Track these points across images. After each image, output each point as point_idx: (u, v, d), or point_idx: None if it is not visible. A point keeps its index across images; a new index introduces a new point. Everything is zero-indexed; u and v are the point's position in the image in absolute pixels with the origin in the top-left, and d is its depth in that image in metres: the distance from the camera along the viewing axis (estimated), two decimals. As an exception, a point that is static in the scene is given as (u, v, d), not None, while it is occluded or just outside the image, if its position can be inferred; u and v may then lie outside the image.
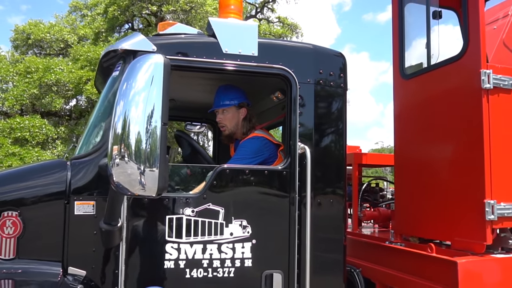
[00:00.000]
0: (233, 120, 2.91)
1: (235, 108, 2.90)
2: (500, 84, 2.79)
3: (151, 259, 2.29)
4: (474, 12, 2.88)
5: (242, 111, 2.92)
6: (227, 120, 2.91)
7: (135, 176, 1.71)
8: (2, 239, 2.16)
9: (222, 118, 2.92)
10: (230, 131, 2.92)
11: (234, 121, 2.91)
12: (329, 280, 2.57)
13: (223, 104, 2.87)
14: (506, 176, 2.77)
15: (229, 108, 2.88)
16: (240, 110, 2.92)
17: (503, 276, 2.72)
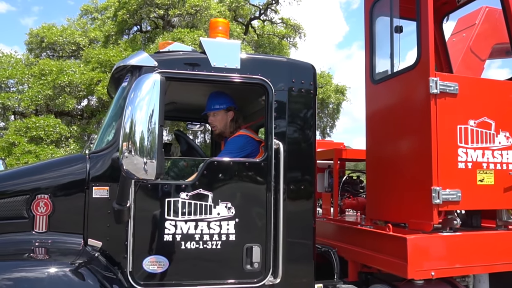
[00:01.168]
0: (222, 121, 3.46)
1: (224, 112, 3.45)
2: (446, 90, 3.28)
3: (153, 233, 2.83)
4: (425, 29, 3.37)
5: (229, 114, 3.46)
6: (217, 122, 3.45)
7: (140, 165, 2.26)
8: (36, 216, 2.72)
9: (213, 120, 3.46)
10: (220, 130, 3.47)
11: (223, 122, 3.46)
12: (299, 252, 3.08)
13: (213, 108, 3.42)
14: (450, 167, 3.27)
15: (219, 111, 3.43)
16: (228, 113, 3.46)
17: (446, 250, 3.22)
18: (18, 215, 2.71)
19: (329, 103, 22.04)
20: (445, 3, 4.37)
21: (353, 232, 3.97)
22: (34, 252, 2.68)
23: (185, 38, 14.40)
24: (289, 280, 2.99)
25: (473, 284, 3.80)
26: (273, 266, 2.96)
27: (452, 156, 3.29)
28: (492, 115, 3.44)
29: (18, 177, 2.85)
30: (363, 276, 3.87)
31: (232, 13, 19.77)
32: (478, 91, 3.45)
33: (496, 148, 3.45)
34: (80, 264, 2.55)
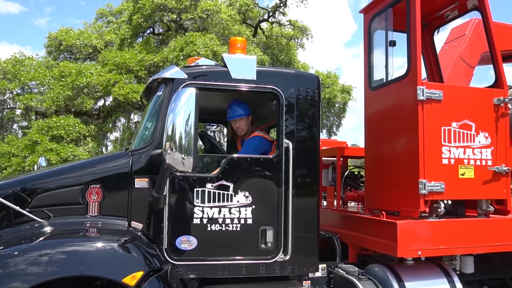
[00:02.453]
0: (246, 125, 4.03)
1: (246, 118, 4.01)
2: (431, 96, 3.79)
3: (184, 217, 3.37)
4: (414, 44, 3.87)
5: (250, 119, 4.02)
6: (243, 126, 4.03)
7: (179, 160, 2.81)
8: (90, 203, 3.29)
9: (240, 125, 4.03)
10: (244, 132, 4.04)
11: (246, 126, 4.03)
12: (305, 234, 3.61)
13: (239, 114, 3.98)
14: (435, 162, 3.77)
15: (243, 117, 3.99)
16: (249, 118, 4.02)
17: (431, 233, 3.73)
18: (75, 202, 3.28)
19: (336, 103, 22.49)
20: (435, 18, 4.86)
21: (353, 219, 4.50)
22: (88, 231, 3.23)
23: (197, 41, 14.96)
24: (296, 257, 3.53)
25: (460, 266, 4.31)
26: (283, 245, 3.50)
27: (437, 153, 3.80)
28: (472, 118, 3.94)
29: (74, 171, 3.42)
30: (361, 258, 4.39)
31: (242, 15, 20.29)
32: (460, 97, 3.95)
33: (476, 146, 3.95)
34: (126, 241, 3.10)
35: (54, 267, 2.76)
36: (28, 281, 2.65)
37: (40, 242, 2.90)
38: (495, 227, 3.97)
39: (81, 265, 2.84)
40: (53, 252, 2.83)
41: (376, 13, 4.50)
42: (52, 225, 3.12)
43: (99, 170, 3.37)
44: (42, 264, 2.75)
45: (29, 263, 2.73)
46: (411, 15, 3.88)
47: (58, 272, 2.75)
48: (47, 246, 2.88)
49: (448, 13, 4.68)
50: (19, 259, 2.73)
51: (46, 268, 2.74)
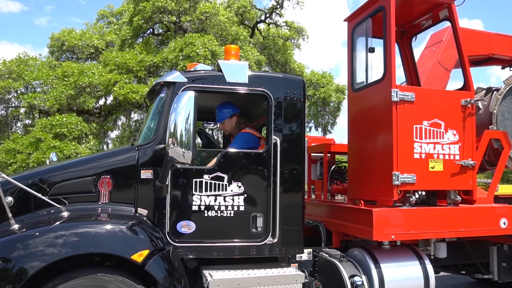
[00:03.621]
0: (229, 126, 4.49)
1: (228, 119, 4.45)
2: (404, 98, 4.21)
3: (184, 204, 3.78)
4: (389, 52, 4.30)
5: (233, 119, 4.46)
6: (226, 127, 4.52)
7: (180, 153, 3.23)
8: (101, 191, 3.71)
9: (223, 126, 4.54)
10: (229, 132, 4.49)
11: (229, 126, 4.49)
12: (292, 220, 4.02)
13: (220, 119, 4.46)
14: (407, 156, 4.20)
15: (224, 120, 4.44)
16: (232, 119, 4.46)
17: (403, 220, 4.15)
18: (88, 190, 3.69)
19: (330, 102, 22.93)
20: (413, 26, 5.28)
21: (336, 209, 4.94)
22: (100, 215, 3.64)
23: (196, 42, 15.36)
24: (283, 240, 3.95)
25: (434, 251, 4.74)
26: (272, 230, 3.92)
27: (409, 149, 4.23)
28: (442, 117, 4.37)
29: (88, 163, 3.84)
30: (344, 243, 4.82)
31: (239, 17, 20.70)
32: (431, 99, 4.38)
33: (445, 142, 4.38)
34: (133, 224, 3.51)
35: (72, 245, 3.18)
36: (51, 256, 3.07)
37: (60, 225, 3.32)
38: (462, 215, 4.41)
39: (96, 244, 3.26)
40: (71, 233, 3.25)
41: (358, 22, 4.92)
42: (69, 210, 3.54)
43: (110, 163, 3.78)
44: (61, 243, 3.16)
45: (49, 243, 3.15)
46: (387, 26, 4.31)
47: (76, 249, 3.17)
48: (66, 228, 3.30)
49: (424, 22, 5.10)
50: (40, 239, 3.15)
51: (65, 246, 3.15)
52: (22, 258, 3.05)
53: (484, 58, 5.72)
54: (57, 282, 3.16)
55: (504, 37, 5.69)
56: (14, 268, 3.04)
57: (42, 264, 3.04)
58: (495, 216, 4.54)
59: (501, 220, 4.54)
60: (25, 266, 3.03)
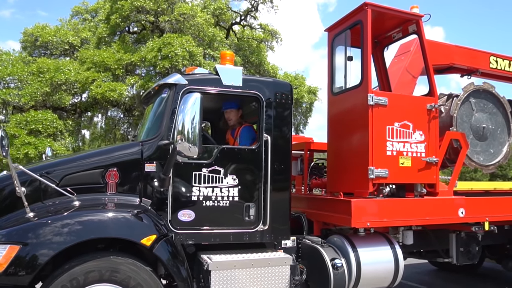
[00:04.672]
0: (235, 116, 4.86)
1: (236, 110, 4.83)
2: (379, 102, 4.73)
3: (185, 195, 4.14)
4: (365, 60, 4.81)
5: (239, 111, 4.85)
6: (232, 116, 4.85)
7: (187, 148, 3.60)
8: (108, 183, 4.00)
9: (230, 116, 4.86)
10: (234, 123, 4.86)
11: (235, 116, 4.86)
12: (280, 209, 4.46)
13: (230, 106, 4.81)
14: (381, 153, 4.72)
15: (233, 109, 4.81)
16: (238, 111, 4.85)
17: (377, 209, 4.67)
18: (97, 182, 3.97)
19: (303, 103, 23.58)
20: (385, 38, 5.84)
21: (317, 200, 5.42)
22: (107, 205, 3.93)
23: (174, 43, 15.53)
24: (273, 227, 4.38)
25: (402, 238, 5.30)
26: (263, 218, 4.34)
27: (382, 147, 4.75)
28: (411, 119, 4.93)
29: (96, 157, 4.12)
30: (324, 232, 5.30)
31: (215, 18, 20.97)
32: (401, 103, 4.93)
33: (413, 141, 4.94)
34: (140, 212, 3.84)
35: (86, 231, 3.48)
36: (73, 239, 3.37)
37: (76, 212, 3.61)
38: (427, 205, 4.98)
39: (108, 229, 3.58)
40: (84, 220, 3.55)
41: (337, 32, 5.41)
42: (79, 200, 3.82)
43: (116, 156, 4.08)
44: (80, 229, 3.46)
45: (69, 228, 3.44)
46: (364, 38, 4.82)
47: (89, 234, 3.48)
48: (79, 215, 3.59)
49: (395, 35, 5.67)
50: (60, 224, 3.43)
51: (83, 231, 3.46)
52: (46, 241, 3.33)
53: (446, 67, 6.37)
54: (73, 264, 3.45)
55: (463, 49, 6.37)
56: (37, 251, 3.31)
57: (62, 246, 3.34)
58: (454, 206, 5.16)
59: (459, 210, 5.15)
60: (48, 248, 3.31)
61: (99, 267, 3.48)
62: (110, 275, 3.49)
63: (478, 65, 6.37)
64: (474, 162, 5.80)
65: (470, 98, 5.79)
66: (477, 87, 5.89)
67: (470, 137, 5.72)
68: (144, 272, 3.61)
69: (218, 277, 3.89)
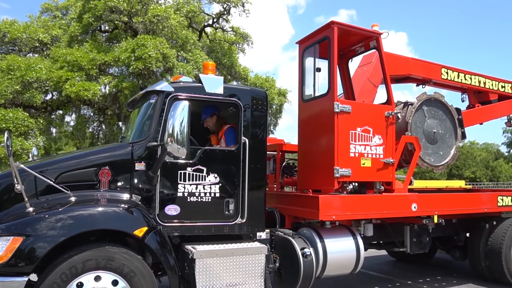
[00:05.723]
0: (211, 122, 5.31)
1: (210, 117, 5.28)
2: (343, 109, 5.32)
3: (171, 191, 4.54)
4: (332, 72, 5.39)
5: (214, 118, 5.29)
6: (209, 124, 5.31)
7: (176, 149, 4.02)
8: (101, 180, 4.36)
9: (207, 123, 5.34)
10: (211, 128, 5.32)
11: (211, 123, 5.31)
12: (256, 204, 4.94)
13: (204, 117, 5.26)
14: (345, 155, 5.32)
15: (207, 118, 5.26)
16: (213, 117, 5.29)
17: (341, 204, 5.25)
18: (90, 179, 4.32)
19: (273, 104, 24.21)
20: (350, 51, 6.47)
21: (289, 197, 5.96)
22: (102, 200, 4.27)
23: (148, 44, 15.72)
24: (250, 220, 4.86)
25: (363, 230, 5.92)
26: (241, 212, 4.81)
27: (346, 149, 5.35)
28: (371, 125, 5.55)
29: (89, 156, 4.45)
30: (294, 225, 5.85)
31: (188, 20, 21.21)
32: (363, 110, 5.54)
33: (373, 144, 5.57)
34: (130, 206, 4.21)
35: (87, 223, 3.85)
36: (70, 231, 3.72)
37: (72, 207, 3.95)
38: (385, 201, 5.63)
39: (103, 222, 3.95)
40: (84, 213, 3.91)
41: (307, 45, 5.97)
42: (75, 196, 4.16)
43: (108, 156, 4.44)
44: (77, 221, 3.82)
45: (68, 220, 3.78)
46: (331, 52, 5.40)
47: (90, 226, 3.85)
48: (78, 209, 3.93)
49: (358, 49, 6.30)
50: (60, 217, 3.77)
51: (80, 224, 3.82)
52: (49, 233, 3.66)
53: (403, 77, 7.08)
54: (72, 254, 3.81)
55: (418, 61, 7.11)
56: (39, 242, 3.65)
57: (64, 237, 3.69)
58: (408, 201, 5.83)
59: (412, 204, 5.84)
60: (50, 239, 3.65)
61: (96, 256, 3.85)
62: (106, 263, 3.86)
63: (431, 75, 7.12)
64: (426, 163, 6.51)
65: (423, 106, 6.50)
66: (429, 96, 6.62)
67: (422, 140, 6.43)
68: (136, 260, 4.01)
69: (202, 264, 4.34)
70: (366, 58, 7.37)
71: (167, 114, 4.36)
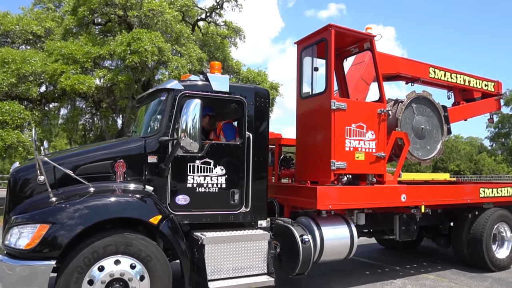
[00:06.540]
0: (204, 122, 5.51)
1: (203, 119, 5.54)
2: (340, 107, 5.69)
3: (181, 183, 4.87)
4: (329, 72, 5.75)
5: (206, 118, 5.61)
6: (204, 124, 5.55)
7: (189, 143, 4.35)
8: (117, 172, 4.66)
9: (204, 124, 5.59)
10: (206, 127, 5.62)
11: (205, 123, 5.54)
12: (259, 195, 5.29)
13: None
14: (340, 149, 5.70)
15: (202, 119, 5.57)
16: (205, 118, 5.59)
17: (337, 194, 5.65)
18: (107, 171, 4.62)
19: (265, 98, 24.50)
20: (344, 51, 6.83)
21: (287, 188, 6.33)
22: (117, 191, 4.58)
23: (143, 38, 15.82)
24: (253, 209, 5.23)
25: (356, 219, 6.33)
26: (245, 202, 5.17)
27: (342, 143, 5.72)
28: (364, 121, 5.94)
29: (106, 150, 4.74)
30: (293, 214, 6.23)
31: (181, 14, 21.30)
32: (357, 108, 5.92)
33: (366, 139, 5.96)
34: (143, 196, 4.53)
35: (107, 211, 4.16)
36: (95, 218, 4.03)
37: (92, 197, 4.25)
38: (376, 191, 6.04)
39: (124, 210, 4.27)
40: (104, 203, 4.22)
41: (305, 46, 6.31)
42: (94, 187, 4.46)
43: (123, 149, 4.74)
44: (98, 210, 4.13)
45: (91, 209, 4.10)
46: (328, 53, 5.75)
47: (110, 214, 4.16)
48: (98, 199, 4.24)
49: (353, 49, 6.66)
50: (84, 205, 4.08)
51: (101, 212, 4.13)
52: (73, 220, 3.98)
53: (394, 75, 7.48)
54: (93, 240, 4.12)
55: (408, 61, 7.51)
56: (65, 229, 3.95)
57: (88, 224, 4.00)
58: (398, 192, 6.26)
59: (401, 195, 6.26)
60: (75, 226, 3.96)
61: (116, 241, 4.17)
62: (125, 248, 4.19)
63: (420, 74, 7.54)
64: (414, 156, 6.94)
65: (412, 103, 6.91)
66: (417, 95, 7.03)
67: (411, 136, 6.85)
68: (152, 246, 4.35)
69: (210, 249, 4.69)
70: (359, 57, 7.72)
71: (178, 111, 4.67)
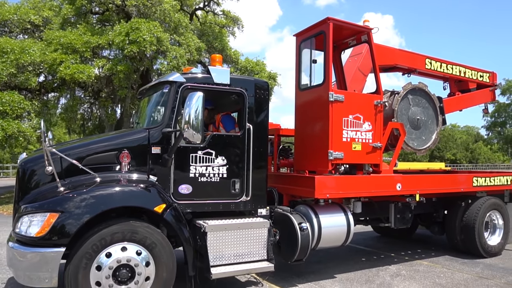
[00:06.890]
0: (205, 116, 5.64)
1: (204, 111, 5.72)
2: (337, 98, 5.83)
3: (184, 172, 5.02)
4: (327, 64, 5.87)
5: (205, 112, 5.68)
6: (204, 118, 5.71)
7: (191, 134, 4.48)
8: (122, 162, 4.80)
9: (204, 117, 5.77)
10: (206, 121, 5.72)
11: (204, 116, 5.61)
12: (259, 184, 5.45)
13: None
14: (338, 140, 5.85)
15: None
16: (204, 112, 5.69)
17: (335, 184, 5.81)
18: (112, 162, 4.76)
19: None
20: (342, 43, 6.94)
21: (286, 177, 6.50)
22: (121, 181, 4.72)
23: (142, 28, 15.81)
24: (254, 198, 5.39)
25: (352, 208, 6.52)
26: (245, 191, 5.33)
27: (339, 134, 5.88)
28: (361, 113, 6.08)
29: (111, 141, 4.87)
30: (291, 203, 6.41)
31: (180, 2, 21.22)
32: (354, 99, 6.06)
33: (363, 130, 6.11)
34: (147, 186, 4.68)
35: (114, 200, 4.32)
36: (103, 206, 4.19)
37: (99, 186, 4.40)
38: (372, 181, 6.22)
39: (131, 199, 4.42)
40: (111, 192, 4.37)
41: (304, 38, 6.41)
42: (100, 177, 4.61)
43: (128, 141, 4.87)
44: (105, 199, 4.28)
45: (99, 197, 4.25)
46: (326, 46, 5.86)
47: (117, 203, 4.32)
48: (104, 188, 4.39)
49: (350, 42, 6.77)
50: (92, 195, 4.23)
51: (108, 201, 4.28)
52: (82, 209, 4.13)
53: (391, 67, 7.62)
54: (101, 227, 4.28)
55: (405, 52, 7.63)
56: (74, 217, 4.11)
57: (96, 212, 4.16)
58: (393, 181, 6.44)
59: (397, 184, 6.44)
60: (84, 214, 4.12)
61: (122, 229, 4.34)
62: (131, 236, 4.36)
63: (416, 65, 7.67)
64: (410, 147, 7.11)
65: (408, 95, 7.05)
66: (413, 86, 7.16)
67: (407, 126, 7.00)
68: (157, 233, 4.52)
69: (213, 237, 4.87)
70: (356, 49, 7.82)
71: (180, 103, 4.80)
